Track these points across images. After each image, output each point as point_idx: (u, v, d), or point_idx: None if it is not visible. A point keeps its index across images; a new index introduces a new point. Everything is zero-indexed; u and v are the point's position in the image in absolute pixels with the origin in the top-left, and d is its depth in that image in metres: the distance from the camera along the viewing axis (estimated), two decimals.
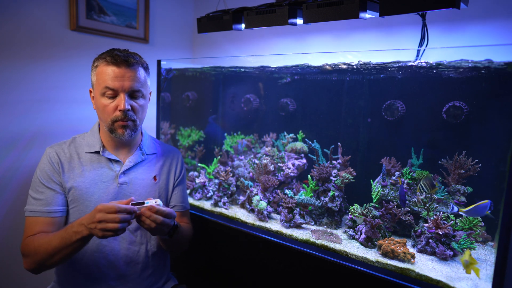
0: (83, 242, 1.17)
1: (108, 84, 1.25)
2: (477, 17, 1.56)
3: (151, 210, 1.16)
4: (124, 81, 1.26)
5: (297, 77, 1.96)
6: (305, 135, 1.89)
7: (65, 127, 2.02)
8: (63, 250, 1.16)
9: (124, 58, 1.26)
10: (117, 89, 1.26)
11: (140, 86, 1.30)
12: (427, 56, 1.52)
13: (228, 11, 1.68)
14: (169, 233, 1.28)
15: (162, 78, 2.13)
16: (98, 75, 1.28)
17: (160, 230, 1.21)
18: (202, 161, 2.23)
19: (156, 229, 1.18)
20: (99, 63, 1.29)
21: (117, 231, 1.09)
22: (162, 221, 1.17)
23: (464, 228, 1.34)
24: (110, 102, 1.27)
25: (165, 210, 1.19)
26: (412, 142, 1.59)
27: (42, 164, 1.32)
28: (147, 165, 1.45)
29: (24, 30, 1.83)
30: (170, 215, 1.20)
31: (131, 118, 1.30)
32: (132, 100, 1.30)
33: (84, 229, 1.12)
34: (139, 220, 1.17)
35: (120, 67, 1.26)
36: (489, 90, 1.44)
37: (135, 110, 1.31)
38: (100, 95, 1.28)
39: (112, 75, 1.25)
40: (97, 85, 1.29)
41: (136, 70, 1.29)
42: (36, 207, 1.27)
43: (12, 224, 1.87)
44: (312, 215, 1.65)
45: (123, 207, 1.10)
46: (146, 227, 1.18)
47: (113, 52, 1.28)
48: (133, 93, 1.29)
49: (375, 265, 1.30)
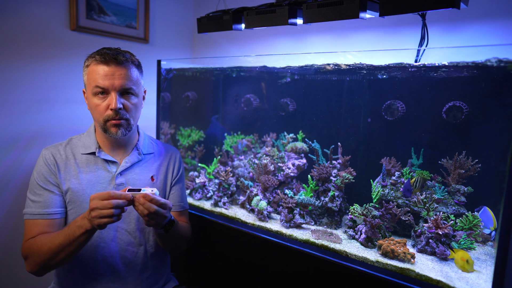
0: (87, 237, 1.16)
1: (98, 83, 1.24)
2: (477, 17, 1.56)
3: (145, 198, 1.15)
4: (114, 79, 1.24)
5: (297, 77, 1.96)
6: (305, 135, 1.89)
7: (65, 127, 2.02)
8: (68, 247, 1.16)
9: (113, 56, 1.25)
10: (108, 88, 1.25)
11: (131, 84, 1.28)
12: (427, 56, 1.52)
13: (228, 11, 1.68)
14: (164, 227, 1.27)
15: (162, 78, 2.13)
16: (89, 74, 1.27)
17: (155, 221, 1.20)
18: (202, 161, 2.23)
19: (151, 218, 1.17)
20: (89, 62, 1.28)
21: (111, 217, 1.09)
22: (155, 210, 1.15)
23: (464, 228, 1.34)
24: (102, 101, 1.26)
25: (160, 200, 1.17)
26: (412, 142, 1.59)
27: (38, 166, 1.31)
28: (144, 165, 1.44)
29: (24, 30, 1.83)
30: (165, 206, 1.19)
31: (123, 116, 1.28)
32: (124, 98, 1.28)
33: (86, 222, 1.12)
34: (136, 208, 1.17)
35: (110, 65, 1.24)
36: (489, 90, 1.44)
37: (127, 108, 1.29)
38: (92, 94, 1.27)
39: (102, 74, 1.24)
40: (88, 85, 1.28)
41: (127, 68, 1.27)
42: (35, 210, 1.26)
43: (12, 225, 1.87)
44: (312, 215, 1.65)
45: (117, 193, 1.11)
46: (140, 214, 1.18)
47: (102, 51, 1.27)
48: (124, 91, 1.28)
49: (375, 265, 1.30)
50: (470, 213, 1.36)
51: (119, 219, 1.13)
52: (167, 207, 1.20)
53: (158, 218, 1.19)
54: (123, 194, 1.13)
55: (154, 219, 1.19)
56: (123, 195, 1.12)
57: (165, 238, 1.35)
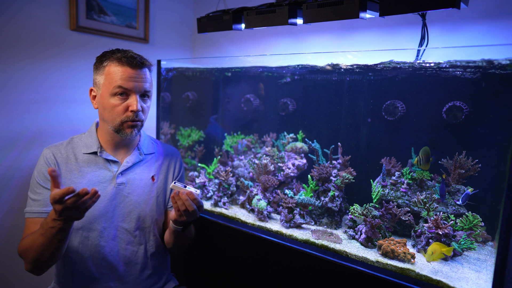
0: (62, 234, 1.13)
1: (121, 84, 1.26)
2: (477, 17, 1.56)
3: (190, 196, 1.21)
4: (138, 82, 1.28)
5: (297, 77, 1.96)
6: (305, 135, 1.89)
7: (65, 127, 2.02)
8: (49, 246, 1.15)
9: (140, 60, 1.29)
10: (131, 90, 1.27)
11: (150, 87, 1.34)
12: (427, 56, 1.52)
13: (228, 11, 1.68)
14: (184, 224, 1.32)
15: (162, 78, 2.13)
16: (108, 74, 1.27)
17: (187, 218, 1.25)
18: (202, 161, 2.23)
19: (186, 215, 1.23)
20: (109, 62, 1.28)
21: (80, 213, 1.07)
22: (194, 209, 1.22)
23: (464, 228, 1.34)
24: (121, 102, 1.28)
25: (200, 202, 1.24)
26: (412, 142, 1.59)
27: (39, 165, 1.32)
28: (145, 165, 1.44)
29: (24, 30, 1.83)
30: (201, 208, 1.26)
31: (140, 118, 1.32)
32: (142, 101, 1.32)
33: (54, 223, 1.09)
34: (174, 201, 1.22)
35: (135, 68, 1.28)
36: (489, 90, 1.44)
37: (144, 111, 1.34)
38: (110, 95, 1.27)
39: (126, 76, 1.26)
40: (107, 85, 1.28)
41: (146, 72, 1.33)
42: (34, 208, 1.27)
43: (12, 225, 1.87)
44: (312, 215, 1.65)
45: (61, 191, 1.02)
46: (177, 208, 1.23)
47: (127, 54, 1.29)
48: (144, 94, 1.32)
49: (375, 265, 1.30)
50: (470, 213, 1.36)
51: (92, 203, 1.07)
52: (201, 210, 1.27)
53: (190, 217, 1.25)
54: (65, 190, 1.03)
55: (187, 216, 1.24)
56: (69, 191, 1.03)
57: (178, 236, 1.38)
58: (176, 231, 1.35)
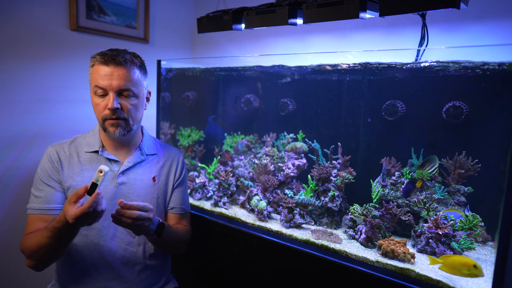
0: (71, 237, 1.18)
1: (97, 83, 1.26)
2: (477, 17, 1.56)
3: (123, 207, 1.15)
4: (112, 79, 1.26)
5: (297, 77, 1.96)
6: (305, 135, 1.89)
7: (65, 127, 2.02)
8: (55, 247, 1.18)
9: (112, 56, 1.26)
10: (105, 88, 1.26)
11: (130, 85, 1.28)
12: (427, 56, 1.52)
13: (228, 11, 1.68)
14: (156, 232, 1.28)
15: (162, 78, 2.13)
16: (92, 74, 1.30)
17: (142, 227, 1.20)
18: (202, 161, 2.23)
19: (137, 225, 1.17)
20: (93, 62, 1.30)
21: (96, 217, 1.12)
22: (138, 215, 1.16)
23: (464, 228, 1.34)
24: (101, 101, 1.28)
25: (139, 204, 1.18)
26: (412, 142, 1.59)
27: (42, 162, 1.34)
28: (147, 166, 1.44)
29: (24, 30, 1.83)
30: (145, 208, 1.19)
31: (120, 116, 1.29)
32: (123, 99, 1.29)
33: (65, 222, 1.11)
34: (119, 221, 1.17)
35: (109, 65, 1.26)
36: (489, 90, 1.44)
37: (125, 108, 1.30)
38: (93, 93, 1.30)
39: (102, 74, 1.26)
40: (91, 84, 1.31)
41: (127, 69, 1.28)
42: (36, 205, 1.28)
43: (12, 224, 1.88)
44: (312, 215, 1.65)
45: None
46: (126, 227, 1.18)
47: (104, 51, 1.29)
48: (123, 92, 1.29)
49: (375, 265, 1.30)
50: (470, 213, 1.36)
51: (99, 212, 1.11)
52: (148, 209, 1.20)
53: (143, 222, 1.19)
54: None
55: (141, 226, 1.19)
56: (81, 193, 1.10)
57: (160, 242, 1.36)
58: (154, 239, 1.33)
